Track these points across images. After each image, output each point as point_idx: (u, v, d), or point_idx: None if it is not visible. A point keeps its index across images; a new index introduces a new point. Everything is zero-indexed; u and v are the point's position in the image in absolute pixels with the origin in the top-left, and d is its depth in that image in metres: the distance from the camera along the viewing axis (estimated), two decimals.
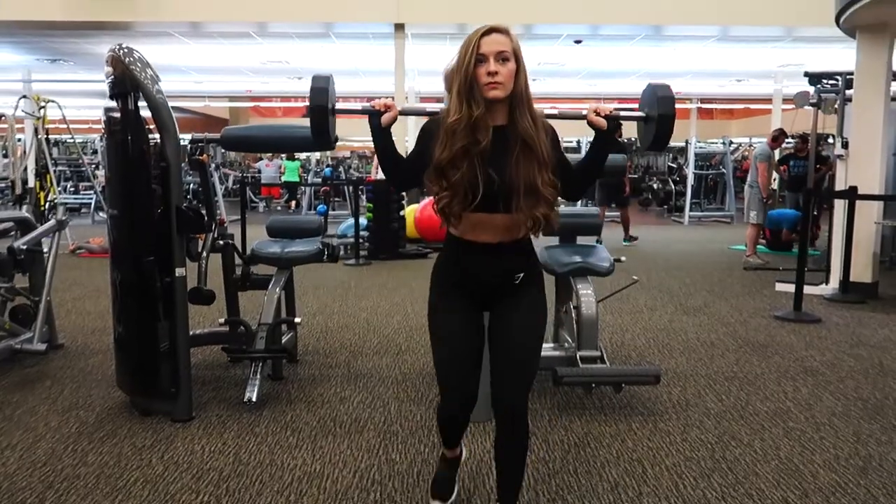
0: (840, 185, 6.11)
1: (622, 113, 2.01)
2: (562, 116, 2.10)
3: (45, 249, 4.22)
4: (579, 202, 13.89)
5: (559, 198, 1.95)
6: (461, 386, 1.98)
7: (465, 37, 1.86)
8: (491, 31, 1.83)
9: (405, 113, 2.00)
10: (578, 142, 15.80)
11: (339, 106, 2.05)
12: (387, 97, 1.95)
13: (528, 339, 1.99)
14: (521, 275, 1.96)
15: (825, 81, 7.27)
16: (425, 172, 1.90)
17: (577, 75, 14.51)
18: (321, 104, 1.96)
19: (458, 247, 1.96)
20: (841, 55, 9.02)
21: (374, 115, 1.90)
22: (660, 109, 1.95)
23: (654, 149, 2.06)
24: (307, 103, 1.96)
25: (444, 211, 1.89)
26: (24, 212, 5.19)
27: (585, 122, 1.91)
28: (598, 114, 1.89)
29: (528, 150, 1.84)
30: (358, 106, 1.98)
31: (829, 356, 4.16)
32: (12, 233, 4.09)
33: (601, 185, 9.36)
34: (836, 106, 6.99)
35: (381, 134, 1.92)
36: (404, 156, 2.03)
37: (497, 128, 1.85)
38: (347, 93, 19.02)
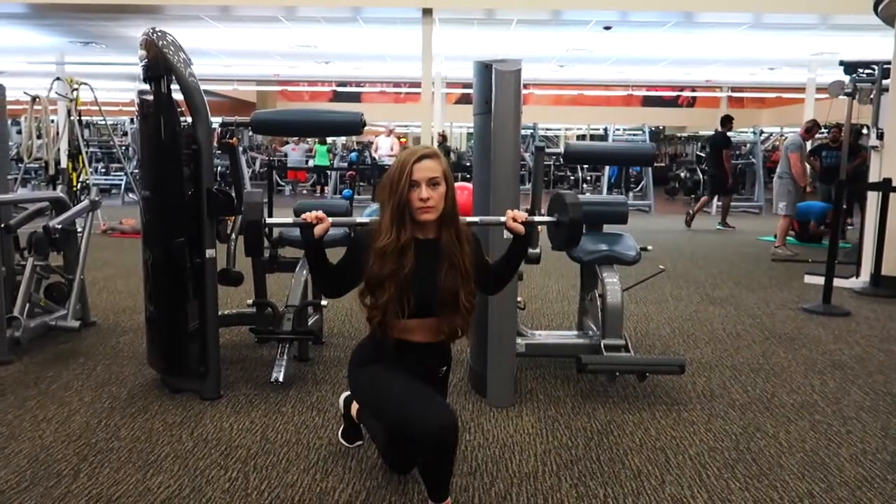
0: (874, 177, 5.99)
1: (536, 219, 2.29)
2: (483, 224, 2.46)
3: (79, 229, 4.31)
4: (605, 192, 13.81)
5: (483, 292, 2.23)
6: (440, 404, 2.02)
7: (493, 22, 1.92)
8: (422, 157, 1.97)
9: (336, 224, 2.16)
10: (605, 129, 15.64)
11: (269, 221, 2.30)
12: (317, 211, 2.07)
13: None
14: (444, 368, 2.21)
15: (861, 71, 7.09)
16: (359, 287, 2.06)
17: (605, 62, 14.34)
18: (256, 219, 2.14)
19: (389, 346, 2.08)
20: (878, 44, 8.80)
21: (305, 228, 2.05)
22: (570, 214, 2.26)
23: (565, 249, 2.43)
24: (244, 218, 2.18)
25: (376, 327, 2.05)
26: (59, 192, 5.29)
27: (505, 228, 2.15)
28: (515, 220, 2.12)
29: (452, 264, 2.01)
30: (290, 220, 2.20)
31: (858, 350, 4.10)
32: (48, 212, 4.18)
33: (710, 178, 9.80)
34: (871, 96, 6.83)
35: (313, 246, 2.09)
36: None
37: (427, 241, 2.03)
38: (374, 77, 19.03)
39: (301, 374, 3.52)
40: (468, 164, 13.36)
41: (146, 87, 3.06)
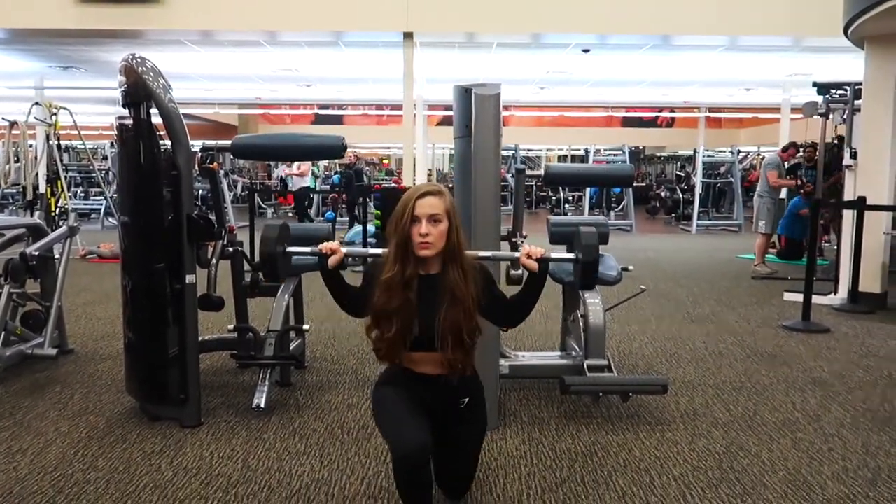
0: (849, 195, 6.10)
1: (553, 256, 2.19)
2: (494, 258, 2.41)
3: (56, 255, 4.25)
4: (586, 212, 13.92)
5: (500, 326, 2.31)
6: (417, 429, 2.03)
7: (474, 46, 1.95)
8: (425, 194, 2.04)
9: (350, 255, 2.24)
10: (586, 150, 15.81)
11: (289, 249, 2.35)
12: (333, 243, 2.16)
13: (471, 450, 2.27)
14: (466, 400, 2.19)
15: (834, 91, 7.25)
16: (365, 321, 2.16)
17: (585, 84, 14.51)
18: (272, 251, 2.24)
19: (402, 375, 2.15)
20: (849, 65, 9.00)
21: (321, 258, 2.13)
22: (583, 256, 2.19)
23: (582, 288, 2.36)
24: (260, 248, 2.25)
25: (382, 357, 2.12)
26: (36, 217, 5.23)
27: (520, 263, 2.13)
28: (530, 257, 2.09)
29: (457, 299, 2.03)
30: (307, 249, 2.27)
31: (838, 367, 4.14)
32: (24, 239, 4.12)
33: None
34: (844, 116, 6.99)
35: (330, 275, 2.16)
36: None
37: (431, 276, 2.07)
38: (356, 100, 19.11)
39: (283, 399, 3.48)
40: (450, 185, 13.41)
41: (125, 112, 3.05)
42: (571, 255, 2.30)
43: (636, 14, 8.95)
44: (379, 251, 2.22)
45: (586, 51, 10.63)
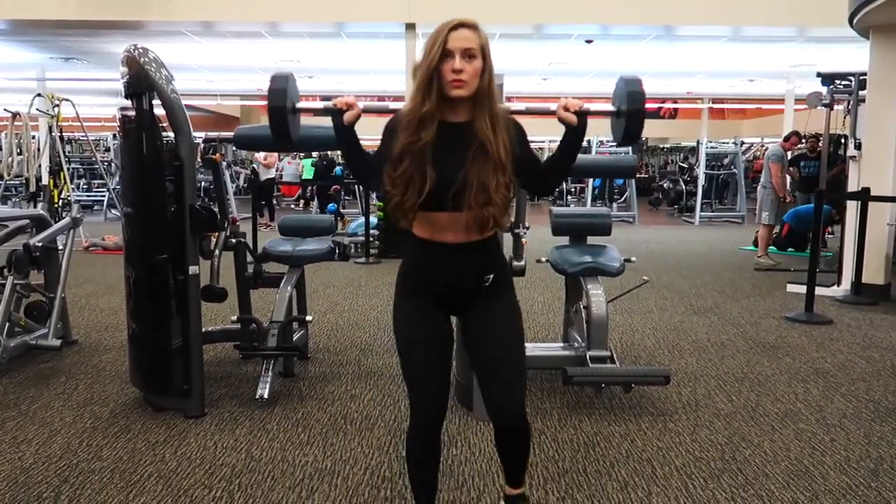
0: (853, 187, 6.08)
1: (592, 108, 1.92)
2: (529, 113, 2.09)
3: (60, 246, 4.26)
4: (588, 203, 13.89)
5: (531, 193, 1.96)
6: (436, 392, 1.91)
7: None
8: (459, 25, 1.79)
9: (368, 111, 1.94)
10: (589, 141, 15.76)
11: (299, 105, 2.02)
12: (348, 95, 1.90)
13: (513, 346, 1.93)
14: (491, 276, 1.90)
15: (838, 82, 7.22)
16: (379, 187, 1.86)
17: (587, 75, 14.46)
18: (278, 104, 1.93)
19: (421, 248, 1.89)
20: (854, 55, 8.95)
21: (335, 114, 1.86)
22: (628, 105, 1.90)
23: (625, 144, 2.01)
24: (268, 102, 1.93)
25: (394, 209, 1.83)
26: (39, 209, 5.24)
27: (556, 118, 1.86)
28: (567, 109, 1.84)
29: (484, 150, 1.78)
30: (320, 105, 1.96)
31: (841, 358, 4.14)
32: (28, 230, 4.13)
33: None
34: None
35: (344, 131, 1.87)
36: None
37: (458, 124, 1.81)
38: (358, 91, 19.05)
39: (286, 390, 3.49)
40: None
41: (128, 103, 3.05)
42: (612, 108, 2.01)
43: (639, 4, 8.90)
44: (401, 105, 1.94)
45: (589, 41, 10.59)
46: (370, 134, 2.25)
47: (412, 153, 1.77)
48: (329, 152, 13.23)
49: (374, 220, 8.26)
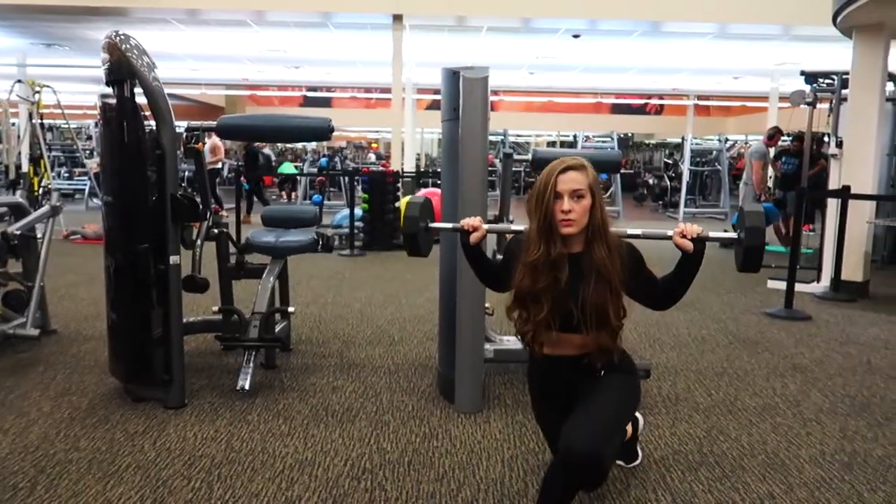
0: (833, 185, 6.15)
1: (711, 235, 2.01)
2: (645, 237, 2.19)
3: (39, 235, 4.21)
4: None
5: (651, 308, 2.12)
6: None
7: (463, 29, 1.88)
8: (567, 169, 1.92)
9: (492, 232, 2.16)
10: (575, 136, 15.80)
11: (432, 225, 2.31)
12: (474, 219, 2.11)
13: (608, 399, 1.98)
14: (604, 371, 2.03)
15: (821, 80, 7.29)
16: (506, 303, 2.06)
17: (574, 69, 14.49)
18: (414, 231, 2.23)
19: (541, 360, 2.07)
20: (837, 54, 9.04)
21: (463, 234, 2.12)
22: (747, 240, 1.97)
23: (742, 270, 2.07)
24: (402, 226, 2.27)
25: (528, 340, 2.04)
26: (18, 197, 5.17)
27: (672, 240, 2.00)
28: (684, 236, 1.94)
29: (602, 278, 1.92)
30: (449, 225, 2.27)
31: (819, 353, 4.20)
32: (6, 218, 4.08)
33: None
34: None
35: (471, 250, 2.13)
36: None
37: (574, 255, 1.96)
38: (344, 82, 18.97)
39: (268, 381, 3.48)
40: (439, 169, 13.38)
41: (109, 90, 3.01)
42: (733, 235, 2.08)
43: (626, 0, 8.94)
44: (521, 227, 2.11)
45: (576, 36, 10.61)
46: (363, 127, 2.29)
47: (551, 295, 1.94)
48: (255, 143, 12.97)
49: (358, 212, 8.24)
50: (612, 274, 1.92)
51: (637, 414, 2.56)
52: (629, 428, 2.45)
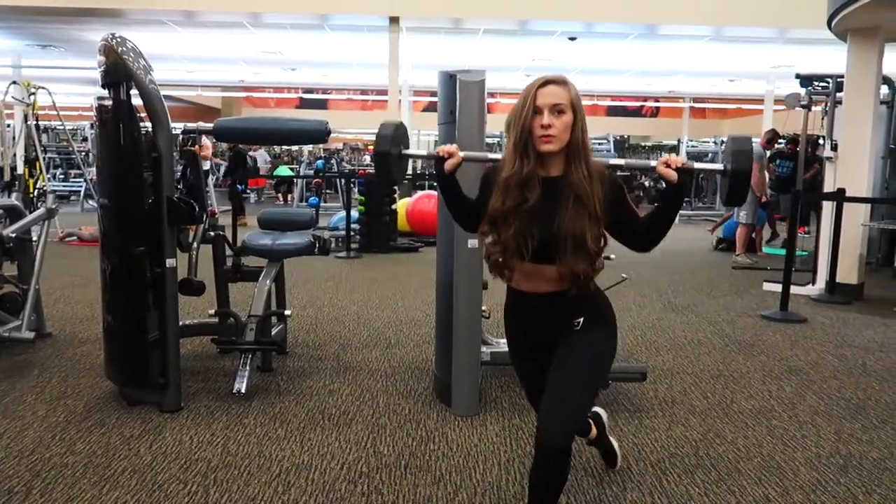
0: (828, 187, 6.17)
1: (696, 165, 1.92)
2: (628, 168, 2.12)
3: (35, 237, 4.20)
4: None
5: (633, 250, 1.94)
6: (538, 396, 1.96)
7: (460, 32, 1.87)
8: (547, 82, 1.82)
9: (468, 160, 2.02)
10: None
11: (405, 151, 2.20)
12: (451, 146, 1.97)
13: (580, 376, 1.88)
14: (581, 320, 1.90)
15: (816, 83, 7.32)
16: (482, 226, 1.92)
17: (571, 72, 14.51)
18: (384, 150, 2.11)
19: (515, 296, 1.97)
20: (832, 57, 9.08)
21: (437, 161, 1.97)
22: (734, 164, 1.89)
23: (729, 204, 2.01)
24: (374, 148, 2.14)
25: (496, 265, 1.89)
26: (14, 199, 5.15)
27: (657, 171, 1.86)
28: (668, 165, 1.82)
29: (580, 203, 1.79)
30: (423, 152, 2.18)
31: (814, 356, 4.21)
32: (1, 220, 4.06)
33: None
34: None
35: (446, 179, 1.99)
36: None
37: (552, 178, 1.84)
38: (341, 84, 18.96)
39: (264, 384, 3.48)
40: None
41: (105, 92, 3.01)
42: (719, 166, 1.98)
43: (622, 3, 8.96)
44: (499, 155, 1.98)
45: (572, 39, 10.63)
46: (361, 129, 2.29)
47: (520, 215, 1.82)
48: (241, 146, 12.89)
49: (355, 214, 8.23)
50: (591, 198, 1.79)
51: (599, 409, 2.51)
52: (594, 430, 2.43)
